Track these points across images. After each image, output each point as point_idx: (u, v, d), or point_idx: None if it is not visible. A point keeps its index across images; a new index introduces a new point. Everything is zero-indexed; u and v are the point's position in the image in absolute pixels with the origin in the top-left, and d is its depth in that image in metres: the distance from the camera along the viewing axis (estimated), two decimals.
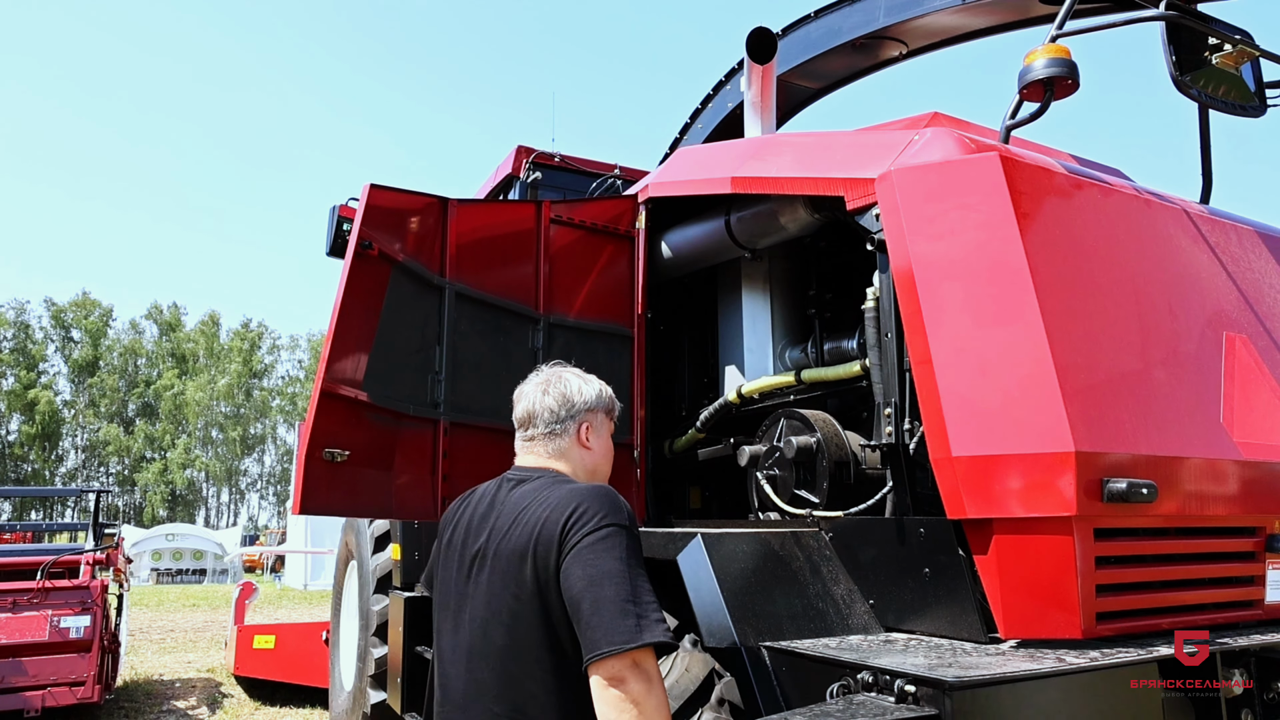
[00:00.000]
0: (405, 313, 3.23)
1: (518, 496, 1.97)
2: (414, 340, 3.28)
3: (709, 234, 3.77)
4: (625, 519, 1.80)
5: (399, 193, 3.31)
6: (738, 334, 3.82)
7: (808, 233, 3.47)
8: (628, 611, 1.65)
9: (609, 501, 1.83)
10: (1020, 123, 2.56)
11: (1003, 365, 2.26)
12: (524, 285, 3.68)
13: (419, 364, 3.30)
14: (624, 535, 1.77)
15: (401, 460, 3.19)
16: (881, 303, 2.72)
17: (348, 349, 2.97)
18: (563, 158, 5.59)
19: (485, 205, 3.90)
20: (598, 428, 2.13)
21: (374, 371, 3.06)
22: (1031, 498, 2.16)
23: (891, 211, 2.56)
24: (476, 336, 3.48)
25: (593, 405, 2.13)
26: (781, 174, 3.15)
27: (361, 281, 3.03)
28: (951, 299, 2.38)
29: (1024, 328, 2.24)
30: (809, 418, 3.08)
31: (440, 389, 3.33)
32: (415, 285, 3.29)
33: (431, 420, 3.31)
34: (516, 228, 3.71)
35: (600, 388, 2.18)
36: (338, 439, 2.91)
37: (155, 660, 11.23)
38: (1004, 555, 2.20)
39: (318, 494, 2.85)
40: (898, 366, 2.63)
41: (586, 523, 1.77)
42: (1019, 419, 2.21)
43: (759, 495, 3.26)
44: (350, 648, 6.03)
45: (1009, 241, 2.31)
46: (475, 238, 3.54)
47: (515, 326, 3.63)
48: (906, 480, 2.61)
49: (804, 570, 2.60)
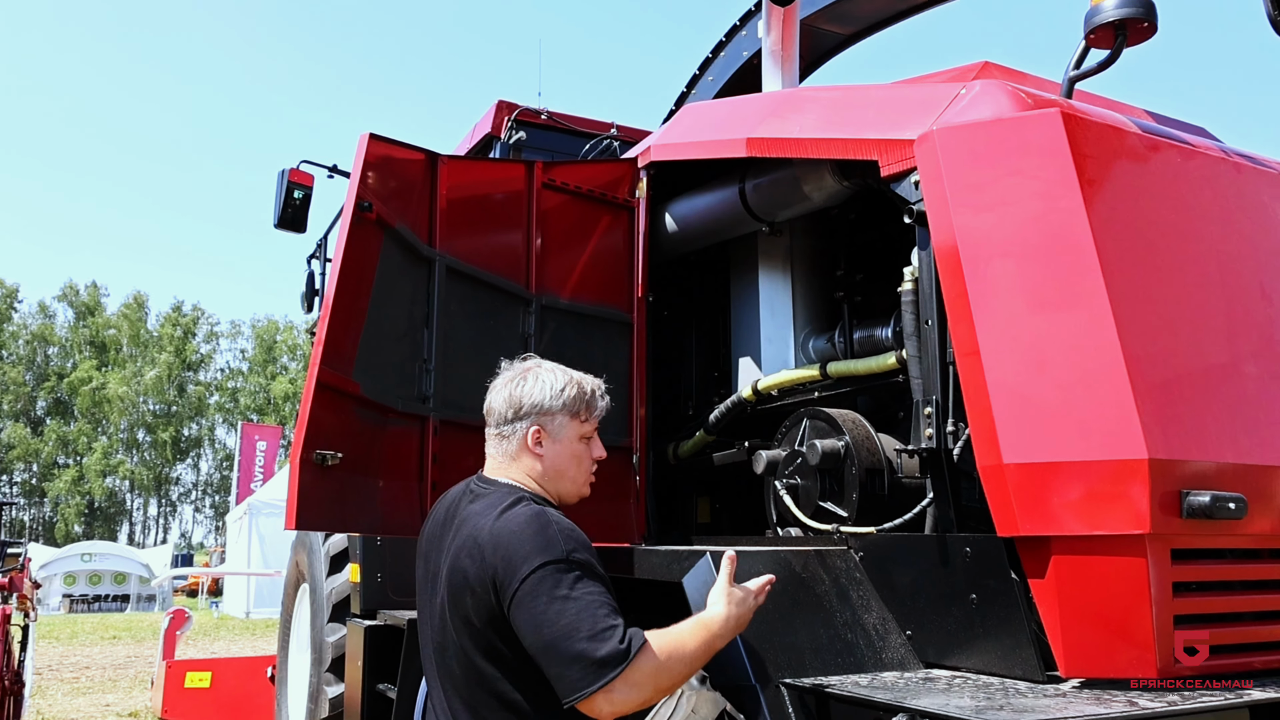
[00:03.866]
0: (394, 289, 3.22)
1: (468, 516, 2.16)
2: (401, 322, 3.27)
3: (720, 204, 3.76)
4: (558, 551, 1.98)
5: (396, 145, 3.30)
6: (753, 321, 3.82)
7: (835, 203, 3.46)
8: (579, 655, 1.88)
9: (537, 539, 2.00)
10: (1086, 73, 2.55)
11: (1063, 357, 2.26)
12: (514, 259, 3.69)
13: (406, 351, 3.29)
14: (556, 570, 1.96)
15: (387, 464, 3.18)
16: (921, 284, 2.72)
17: (343, 332, 2.95)
18: (551, 115, 5.57)
19: (474, 163, 3.88)
20: (554, 432, 2.26)
21: (364, 359, 3.04)
22: (1097, 513, 2.16)
23: (934, 178, 2.55)
24: (466, 319, 3.48)
25: (545, 407, 2.24)
26: (805, 134, 3.15)
27: (358, 250, 3.01)
28: (1003, 280, 2.38)
29: (1088, 313, 2.24)
30: (836, 418, 3.08)
31: (429, 380, 3.32)
32: (405, 256, 3.29)
33: (419, 417, 3.30)
34: (506, 190, 3.71)
35: (558, 385, 2.26)
36: (331, 438, 2.87)
37: (66, 703, 11.20)
38: (1064, 580, 2.20)
39: (312, 504, 2.80)
40: (940, 359, 2.63)
41: (517, 570, 1.97)
42: (1082, 420, 2.21)
43: (778, 508, 3.26)
44: (300, 686, 6.03)
45: (1072, 212, 2.31)
46: (465, 202, 3.54)
47: (506, 308, 3.64)
48: (949, 491, 2.61)
49: (830, 595, 2.60)
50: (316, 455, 2.79)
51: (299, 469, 2.74)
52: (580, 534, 2.07)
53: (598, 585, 1.98)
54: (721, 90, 5.13)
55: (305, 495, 2.75)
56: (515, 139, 5.31)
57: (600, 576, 2.00)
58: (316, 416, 2.80)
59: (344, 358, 2.96)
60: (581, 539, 2.05)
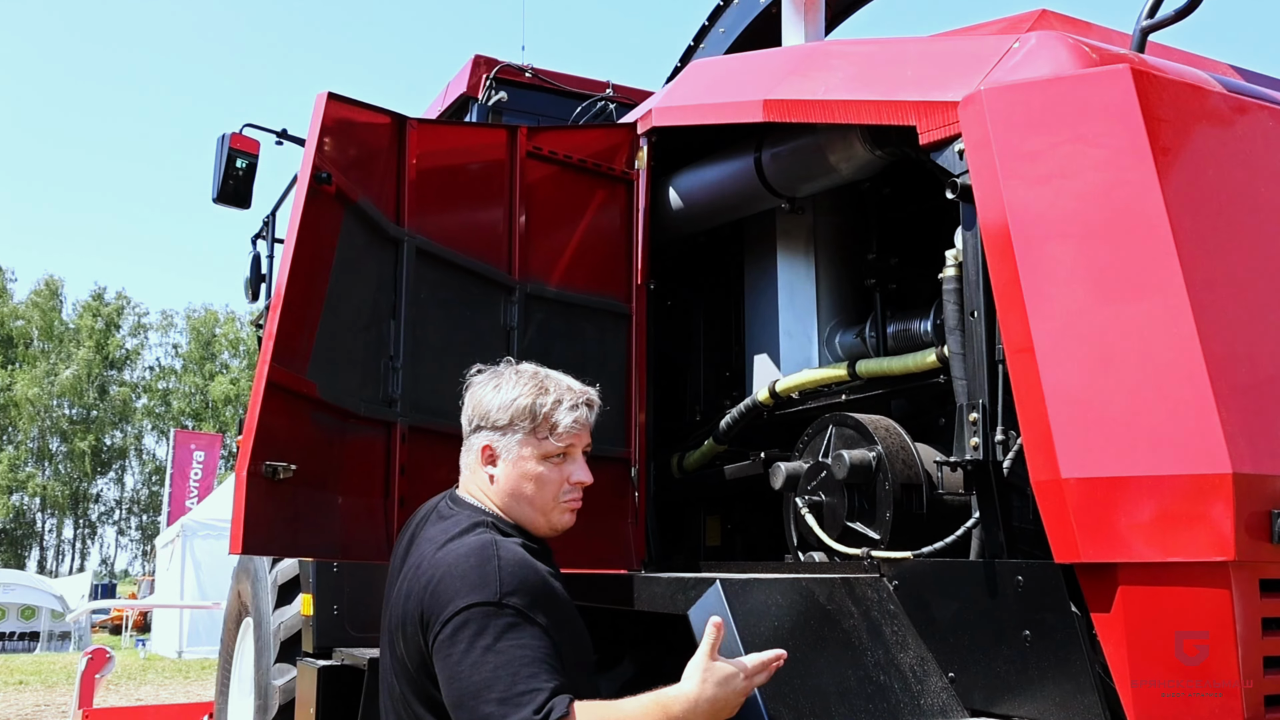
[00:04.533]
0: (356, 274, 3.23)
1: (424, 539, 2.21)
2: (364, 313, 3.28)
3: (733, 177, 3.76)
4: (489, 592, 1.98)
5: (359, 106, 3.31)
6: (771, 312, 3.82)
7: (866, 175, 3.47)
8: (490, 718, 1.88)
9: (470, 575, 2.01)
10: (1162, 23, 2.55)
11: (1132, 355, 2.26)
12: (494, 240, 3.70)
13: (370, 346, 3.30)
14: (484, 615, 1.96)
15: (347, 478, 3.18)
16: (966, 270, 2.72)
17: (297, 324, 2.95)
18: (536, 73, 5.59)
19: (449, 128, 3.87)
20: (503, 450, 2.27)
21: (321, 356, 3.04)
22: (1172, 536, 2.16)
23: (981, 146, 2.55)
24: (439, 310, 3.48)
25: (493, 420, 2.27)
26: (831, 96, 3.15)
27: (314, 228, 3.01)
28: (1062, 264, 2.38)
29: (1162, 303, 2.24)
30: (867, 425, 3.08)
31: (396, 380, 3.33)
32: (368, 236, 3.29)
33: (384, 423, 3.31)
34: (485, 159, 3.71)
35: (509, 395, 2.27)
36: (283, 448, 2.86)
37: None
38: (1134, 614, 2.20)
39: (261, 525, 2.77)
40: (987, 356, 2.63)
41: (442, 611, 1.98)
42: (1154, 429, 2.21)
43: (798, 529, 3.26)
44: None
45: (1143, 185, 2.30)
46: (437, 173, 3.55)
47: (484, 297, 3.65)
48: (998, 510, 2.61)
49: (859, 631, 2.60)
50: (266, 467, 2.78)
51: (246, 483, 2.72)
52: (531, 573, 2.06)
53: (532, 637, 1.95)
54: (735, 44, 5.13)
55: (253, 514, 2.72)
56: (495, 100, 5.31)
57: (540, 626, 1.98)
58: (266, 422, 2.78)
59: (298, 354, 2.95)
60: (529, 580, 2.04)
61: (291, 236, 2.94)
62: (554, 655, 1.96)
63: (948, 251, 2.80)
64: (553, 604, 2.08)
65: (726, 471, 3.93)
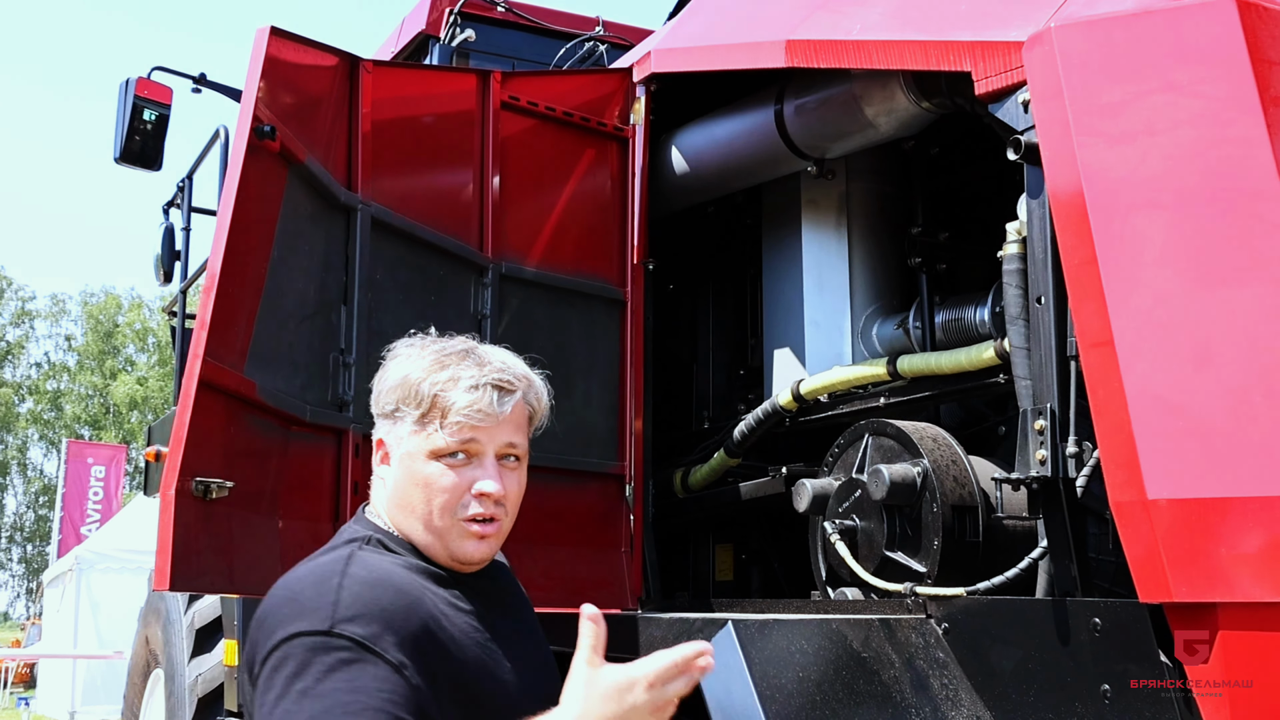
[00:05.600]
0: (302, 250, 3.24)
1: None
2: (310, 297, 3.28)
3: (749, 134, 3.78)
4: (319, 619, 1.84)
5: (306, 45, 3.31)
6: (795, 297, 3.83)
7: (910, 132, 3.48)
8: None
9: (301, 599, 1.90)
10: None
11: (1235, 351, 2.27)
12: (463, 209, 3.72)
13: (317, 337, 3.31)
14: (307, 649, 1.82)
15: (291, 496, 3.18)
16: (1031, 247, 2.73)
17: (233, 311, 2.94)
18: (510, 6, 5.58)
19: (410, 71, 3.86)
20: (394, 446, 2.07)
21: (260, 349, 3.04)
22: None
23: (1051, 96, 2.55)
24: (399, 293, 3.50)
25: (385, 407, 2.07)
26: (868, 36, 3.16)
27: (254, 194, 3.00)
28: (1149, 241, 2.38)
29: (1272, 289, 2.25)
30: (910, 435, 3.09)
31: (348, 378, 3.33)
32: (315, 204, 3.30)
33: (335, 430, 3.32)
34: (452, 109, 3.73)
35: (395, 373, 2.06)
36: (217, 460, 2.85)
37: None
38: (1236, 665, 2.20)
39: (194, 554, 2.75)
40: (1057, 351, 2.64)
41: (262, 644, 1.88)
42: (1261, 442, 2.21)
43: (828, 560, 3.27)
44: None
45: (1250, 143, 2.31)
46: (396, 126, 3.56)
47: (452, 278, 3.66)
48: (1070, 538, 2.62)
49: (901, 682, 2.60)
50: (197, 484, 2.75)
51: (175, 504, 2.68)
52: (387, 594, 1.90)
53: (370, 678, 1.79)
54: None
55: (183, 542, 2.69)
56: (461, 40, 5.30)
57: (389, 663, 1.82)
58: (199, 429, 2.77)
59: (233, 347, 2.94)
60: (379, 602, 1.88)
61: (227, 205, 2.92)
62: (404, 702, 1.79)
63: (1009, 225, 2.81)
64: (426, 636, 1.90)
65: (741, 490, 3.94)
